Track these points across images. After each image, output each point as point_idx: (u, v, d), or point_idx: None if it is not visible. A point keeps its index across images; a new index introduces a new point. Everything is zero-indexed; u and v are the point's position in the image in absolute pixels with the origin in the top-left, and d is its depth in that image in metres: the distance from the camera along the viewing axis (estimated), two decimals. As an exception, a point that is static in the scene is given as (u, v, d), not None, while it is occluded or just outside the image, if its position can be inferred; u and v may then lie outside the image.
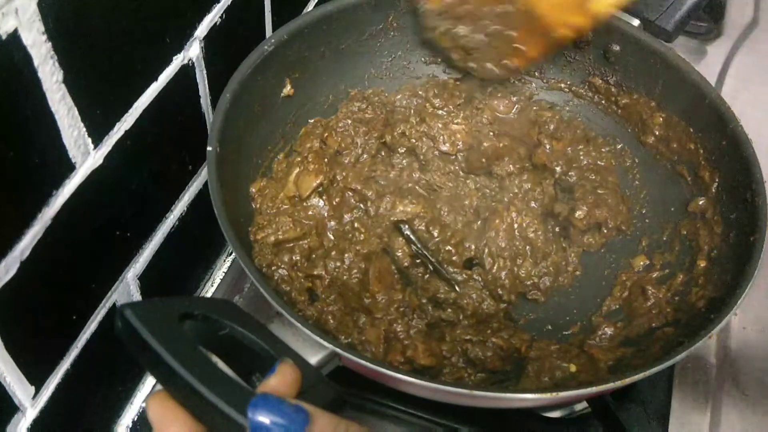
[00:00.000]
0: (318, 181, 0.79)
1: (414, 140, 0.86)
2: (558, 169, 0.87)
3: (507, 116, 0.91)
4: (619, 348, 0.72)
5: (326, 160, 0.82)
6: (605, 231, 0.84)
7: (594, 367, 0.69)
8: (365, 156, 0.86)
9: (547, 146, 0.88)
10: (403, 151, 0.87)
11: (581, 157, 0.88)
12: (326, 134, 0.84)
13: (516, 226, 0.84)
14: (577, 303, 0.82)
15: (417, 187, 0.86)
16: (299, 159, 0.81)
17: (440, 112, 0.89)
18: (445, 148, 0.87)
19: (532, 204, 0.86)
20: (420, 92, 0.91)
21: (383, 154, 0.87)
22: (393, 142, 0.86)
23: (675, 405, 0.78)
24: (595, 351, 0.72)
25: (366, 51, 0.88)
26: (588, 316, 0.79)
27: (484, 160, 0.86)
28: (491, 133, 0.89)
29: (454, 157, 0.88)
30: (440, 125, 0.87)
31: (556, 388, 0.66)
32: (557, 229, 0.86)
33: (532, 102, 0.92)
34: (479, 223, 0.85)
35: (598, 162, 0.88)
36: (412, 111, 0.90)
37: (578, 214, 0.83)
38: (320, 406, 0.43)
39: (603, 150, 0.89)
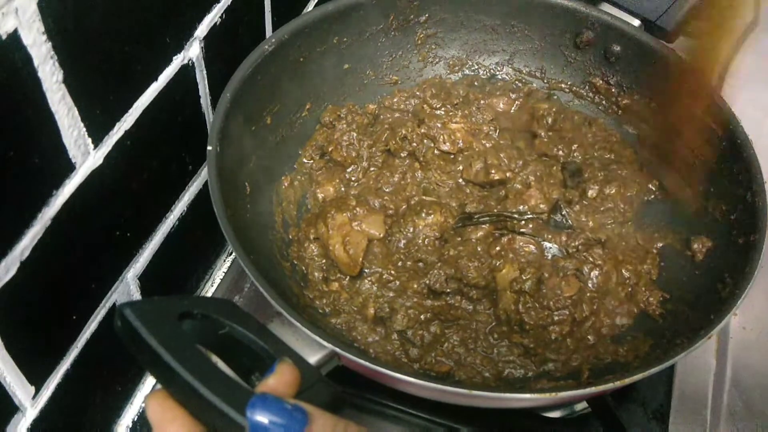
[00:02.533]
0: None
1: (415, 144, 0.86)
2: (560, 153, 0.87)
3: (506, 113, 0.91)
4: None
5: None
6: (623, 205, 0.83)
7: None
8: (372, 169, 0.86)
9: (543, 135, 0.88)
10: (404, 155, 0.87)
11: (589, 138, 0.88)
12: (331, 148, 0.84)
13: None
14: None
15: (424, 197, 0.85)
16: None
17: (438, 112, 0.89)
18: (445, 147, 0.86)
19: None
20: (417, 93, 0.91)
21: (389, 162, 0.87)
22: (395, 147, 0.86)
23: (675, 405, 0.78)
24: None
25: (366, 51, 0.88)
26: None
27: (480, 166, 0.86)
28: (491, 130, 0.89)
29: (453, 156, 0.87)
30: (439, 125, 0.87)
31: (556, 388, 0.66)
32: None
33: (530, 97, 0.92)
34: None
35: (611, 138, 0.88)
36: (409, 114, 0.89)
37: (590, 193, 0.83)
38: (319, 406, 0.43)
39: (609, 129, 0.89)
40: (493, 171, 0.84)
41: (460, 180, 0.86)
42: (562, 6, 0.87)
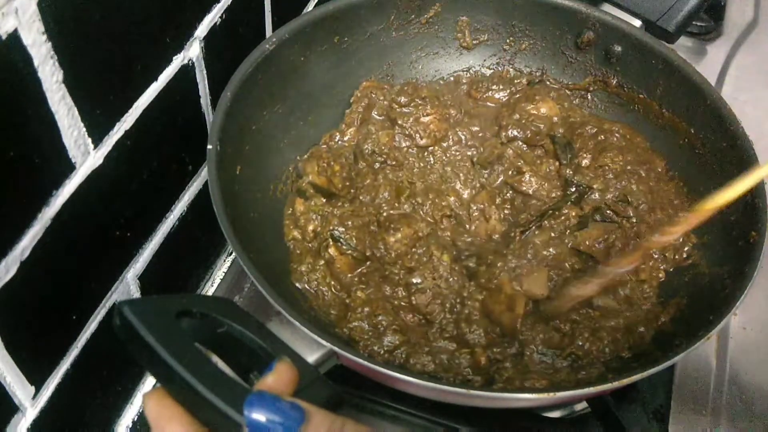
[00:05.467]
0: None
1: (385, 154, 0.84)
2: (542, 127, 0.86)
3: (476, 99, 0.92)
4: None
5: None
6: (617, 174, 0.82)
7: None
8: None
9: (516, 116, 0.87)
10: (377, 167, 0.84)
11: (575, 117, 0.89)
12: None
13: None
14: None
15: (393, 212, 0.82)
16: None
17: (406, 109, 0.87)
18: (423, 142, 0.85)
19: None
20: (387, 91, 0.89)
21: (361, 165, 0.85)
22: (367, 165, 0.84)
23: (675, 405, 0.78)
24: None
25: (367, 51, 0.88)
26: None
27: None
28: (462, 116, 0.89)
29: (431, 149, 0.86)
30: (411, 121, 0.86)
31: (555, 388, 0.66)
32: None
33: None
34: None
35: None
36: (378, 122, 0.88)
37: (584, 162, 0.82)
38: (317, 404, 0.43)
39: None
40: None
41: (447, 168, 0.86)
42: (563, 6, 0.87)
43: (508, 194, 0.84)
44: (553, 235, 0.79)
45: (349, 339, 0.70)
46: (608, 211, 0.80)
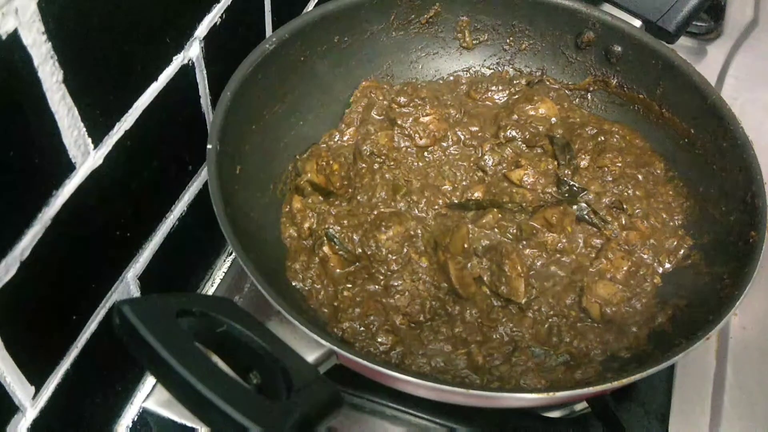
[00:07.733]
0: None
1: (384, 154, 0.84)
2: (541, 128, 0.87)
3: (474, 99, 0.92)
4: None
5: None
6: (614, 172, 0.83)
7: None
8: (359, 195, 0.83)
9: (515, 117, 0.87)
10: (377, 167, 0.84)
11: (574, 118, 0.89)
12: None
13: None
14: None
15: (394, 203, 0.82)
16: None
17: (406, 109, 0.87)
18: (422, 142, 0.86)
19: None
20: (387, 91, 0.89)
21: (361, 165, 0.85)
22: (368, 166, 0.84)
23: (675, 405, 0.78)
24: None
25: (367, 51, 0.88)
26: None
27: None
28: (462, 116, 0.89)
29: (431, 149, 0.86)
30: (411, 121, 0.86)
31: (554, 388, 0.66)
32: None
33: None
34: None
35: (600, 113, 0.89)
36: (377, 121, 0.88)
37: (583, 164, 0.83)
38: (316, 404, 0.43)
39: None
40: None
41: (446, 167, 0.86)
42: (563, 6, 0.87)
43: (503, 184, 0.84)
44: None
45: (342, 339, 0.70)
46: (600, 213, 0.80)
